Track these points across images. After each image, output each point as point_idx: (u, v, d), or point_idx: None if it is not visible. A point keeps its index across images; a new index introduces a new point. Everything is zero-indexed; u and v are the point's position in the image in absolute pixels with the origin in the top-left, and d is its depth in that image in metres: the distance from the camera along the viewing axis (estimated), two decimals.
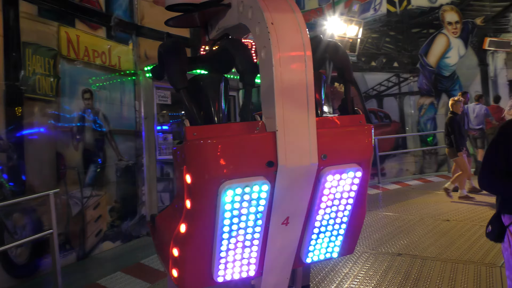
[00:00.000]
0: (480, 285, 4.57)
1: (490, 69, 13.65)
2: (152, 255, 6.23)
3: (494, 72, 13.65)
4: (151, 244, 7.64)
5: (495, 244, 5.74)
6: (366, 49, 12.94)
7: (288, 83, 2.04)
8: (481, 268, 5.01)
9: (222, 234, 2.12)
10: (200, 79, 2.33)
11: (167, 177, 9.02)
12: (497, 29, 13.53)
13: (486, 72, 13.62)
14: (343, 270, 5.21)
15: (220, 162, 2.05)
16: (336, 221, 2.32)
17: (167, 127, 9.81)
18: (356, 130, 2.27)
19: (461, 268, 5.05)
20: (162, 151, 8.86)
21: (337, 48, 2.39)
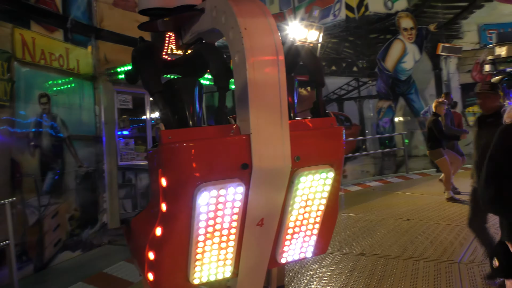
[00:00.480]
0: (441, 281, 4.77)
1: (443, 74, 14.29)
2: (116, 264, 6.09)
3: (447, 76, 14.30)
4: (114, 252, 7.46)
5: (452, 242, 6.03)
6: (327, 54, 13.25)
7: (262, 87, 2.08)
8: (441, 264, 5.22)
9: (198, 236, 2.13)
10: (174, 83, 2.34)
11: (129, 183, 8.84)
12: (449, 35, 14.20)
13: (440, 77, 14.26)
14: (309, 272, 5.29)
15: (196, 165, 2.06)
16: (310, 221, 2.38)
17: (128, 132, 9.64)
18: (328, 132, 2.35)
19: (422, 265, 5.25)
20: (124, 156, 8.69)
21: (311, 52, 2.46)
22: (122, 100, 8.60)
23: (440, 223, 7.05)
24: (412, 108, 14.00)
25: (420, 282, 4.77)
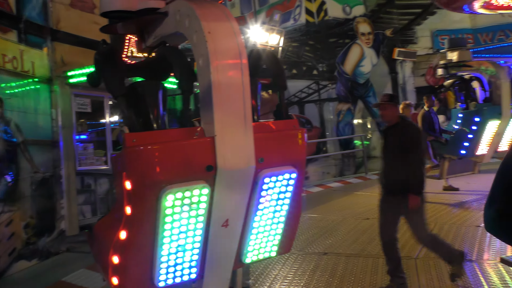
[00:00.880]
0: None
1: (399, 77, 14.83)
2: (75, 271, 5.93)
3: (403, 80, 14.85)
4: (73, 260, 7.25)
5: (409, 238, 6.23)
6: (288, 58, 13.45)
7: (226, 90, 2.12)
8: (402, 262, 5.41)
9: (163, 239, 2.13)
10: (138, 86, 2.33)
11: (88, 188, 8.63)
12: (404, 40, 14.77)
13: (396, 80, 14.79)
14: (273, 272, 5.35)
15: (160, 167, 2.07)
16: (274, 221, 2.43)
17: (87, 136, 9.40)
18: (291, 134, 2.41)
19: (382, 262, 5.41)
20: (82, 161, 8.47)
21: (273, 56, 2.52)
22: (80, 104, 8.39)
23: None
24: (370, 111, 14.43)
25: (380, 278, 4.93)
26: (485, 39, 14.82)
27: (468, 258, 5.30)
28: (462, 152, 8.18)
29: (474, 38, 14.83)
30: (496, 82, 7.96)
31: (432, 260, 5.33)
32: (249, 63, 2.19)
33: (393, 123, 4.46)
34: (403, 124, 4.47)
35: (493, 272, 4.79)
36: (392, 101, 4.45)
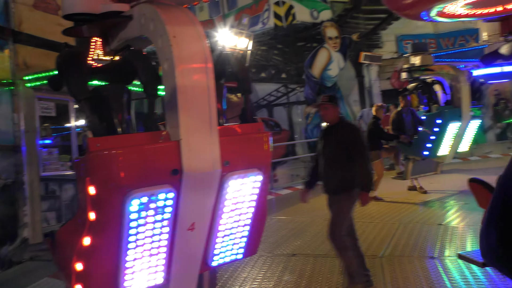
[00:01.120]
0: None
1: (365, 80, 15.17)
2: (39, 281, 5.75)
3: (369, 83, 15.20)
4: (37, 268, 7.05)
5: (375, 238, 6.42)
6: (256, 61, 13.53)
7: (191, 94, 2.13)
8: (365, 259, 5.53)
9: (128, 244, 2.12)
10: (102, 90, 2.31)
11: (52, 195, 8.40)
12: (370, 44, 15.13)
13: (362, 83, 15.12)
14: (242, 275, 5.37)
15: (125, 172, 2.06)
16: (240, 224, 2.45)
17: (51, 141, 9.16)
18: (256, 138, 2.44)
19: None
20: (47, 167, 8.25)
21: (239, 60, 2.55)
22: (44, 108, 8.18)
23: (363, 221, 7.45)
24: None
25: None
26: (446, 44, 15.37)
27: (430, 255, 5.49)
28: (425, 153, 8.44)
29: (436, 43, 15.36)
30: (456, 85, 8.27)
31: (396, 259, 5.48)
32: (214, 67, 2.21)
33: (333, 123, 4.53)
34: (343, 123, 4.58)
35: (454, 268, 4.97)
36: (332, 102, 4.50)
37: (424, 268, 5.09)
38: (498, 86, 15.07)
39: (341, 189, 4.40)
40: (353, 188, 4.39)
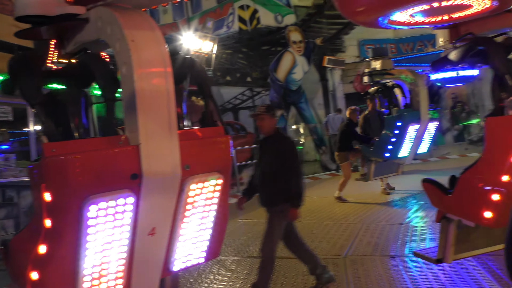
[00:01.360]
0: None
1: (329, 84, 15.43)
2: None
3: (333, 86, 15.47)
4: None
5: (339, 239, 6.54)
6: (221, 64, 13.52)
7: (150, 98, 2.12)
8: (328, 260, 5.63)
9: (86, 251, 2.08)
10: (58, 94, 2.26)
11: (10, 202, 8.09)
12: (333, 49, 15.41)
13: (326, 87, 15.36)
14: (208, 279, 5.36)
15: (82, 177, 2.03)
16: (201, 228, 2.45)
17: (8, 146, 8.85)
18: (216, 141, 2.45)
19: None
20: (4, 173, 7.96)
21: (197, 65, 2.55)
22: (1, 112, 7.90)
23: (328, 222, 7.59)
24: (303, 117, 14.87)
25: (311, 278, 5.10)
26: (406, 49, 15.87)
27: (391, 254, 5.65)
28: (387, 155, 8.67)
29: (396, 47, 15.84)
30: (415, 89, 8.53)
31: (359, 258, 5.60)
32: (174, 71, 2.21)
33: (269, 134, 4.40)
34: (279, 136, 4.44)
35: (413, 265, 5.13)
36: (269, 112, 4.36)
37: (385, 267, 5.22)
38: (455, 90, 15.68)
39: (272, 203, 4.32)
40: (283, 202, 4.29)
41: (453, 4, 2.64)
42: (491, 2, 2.69)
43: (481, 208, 2.77)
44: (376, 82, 9.30)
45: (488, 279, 4.56)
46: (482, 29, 3.24)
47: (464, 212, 3.01)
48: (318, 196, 10.35)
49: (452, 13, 2.91)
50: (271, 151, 4.30)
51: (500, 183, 2.71)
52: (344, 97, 15.40)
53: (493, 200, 2.73)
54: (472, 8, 2.80)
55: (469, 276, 4.68)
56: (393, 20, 2.89)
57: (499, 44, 2.89)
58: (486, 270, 4.76)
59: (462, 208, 3.03)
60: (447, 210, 3.15)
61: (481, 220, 2.81)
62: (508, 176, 2.67)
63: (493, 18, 3.13)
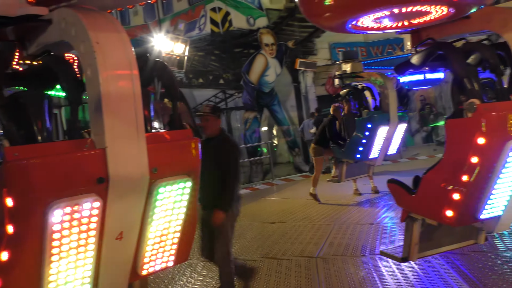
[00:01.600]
0: (301, 275, 5.21)
1: (302, 86, 15.58)
2: None
3: (305, 89, 15.62)
4: None
5: (311, 239, 6.62)
6: (194, 67, 13.45)
7: (116, 101, 2.10)
8: (301, 260, 5.70)
9: (51, 257, 2.03)
10: (20, 97, 2.21)
11: None
12: (305, 51, 15.57)
13: (299, 89, 15.50)
14: (180, 282, 5.33)
15: (46, 182, 1.98)
16: (170, 231, 2.43)
17: None
18: (184, 144, 2.44)
19: (285, 263, 5.66)
20: None
21: (163, 67, 2.53)
22: None
23: (301, 223, 7.67)
24: (276, 119, 14.96)
25: (283, 279, 5.15)
26: (376, 52, 16.19)
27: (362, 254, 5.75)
28: (358, 156, 8.81)
29: (366, 50, 16.14)
30: (384, 91, 8.71)
31: (330, 258, 5.68)
32: (140, 74, 2.19)
33: (212, 136, 4.30)
34: (222, 138, 4.35)
35: (382, 264, 5.24)
36: (215, 113, 4.28)
37: (356, 266, 5.32)
38: (423, 92, 16.09)
39: (209, 205, 4.20)
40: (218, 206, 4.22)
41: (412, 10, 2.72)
42: (448, 9, 2.79)
43: (443, 207, 2.87)
44: (346, 85, 9.44)
45: (454, 276, 4.71)
46: (442, 34, 3.35)
47: (427, 211, 3.10)
48: (291, 197, 10.45)
49: (412, 19, 3.01)
50: (212, 153, 4.15)
51: (460, 183, 2.80)
52: (316, 99, 15.57)
53: (454, 199, 2.82)
54: (430, 15, 2.90)
55: (436, 274, 4.82)
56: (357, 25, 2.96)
57: (458, 49, 3.01)
58: (452, 268, 4.92)
59: (425, 207, 3.12)
60: (411, 210, 3.24)
61: (443, 219, 2.90)
62: (468, 176, 2.77)
63: (452, 24, 3.25)
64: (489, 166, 2.74)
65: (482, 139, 2.70)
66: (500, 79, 2.91)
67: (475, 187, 2.78)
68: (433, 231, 3.36)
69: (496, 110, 2.76)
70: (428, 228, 3.31)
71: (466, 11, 2.89)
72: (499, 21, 2.94)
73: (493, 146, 2.71)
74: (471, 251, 5.33)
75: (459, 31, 3.26)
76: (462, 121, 2.88)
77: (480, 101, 2.75)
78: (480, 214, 2.87)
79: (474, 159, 2.73)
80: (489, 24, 3.02)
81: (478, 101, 2.74)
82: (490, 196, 2.81)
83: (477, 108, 2.73)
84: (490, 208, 2.89)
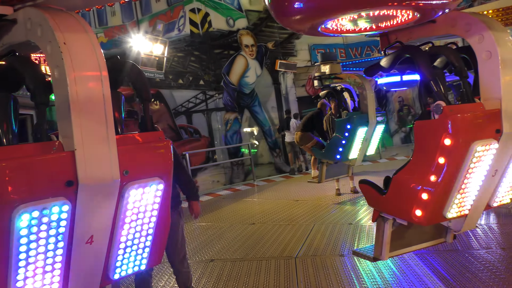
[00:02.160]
0: (279, 275, 5.22)
1: (282, 87, 15.63)
2: None
3: (286, 90, 15.68)
4: None
5: (291, 240, 6.64)
6: (173, 67, 13.36)
7: (85, 102, 2.06)
8: (280, 261, 5.71)
9: (18, 262, 1.99)
10: None
11: None
12: (285, 53, 15.62)
13: (279, 90, 15.55)
14: (159, 284, 5.29)
15: (12, 185, 1.93)
16: (142, 234, 2.41)
17: None
18: (156, 146, 2.42)
19: (264, 264, 5.67)
20: None
21: (134, 68, 2.50)
22: None
23: (281, 224, 7.69)
24: (256, 120, 14.97)
25: (262, 279, 5.15)
26: (355, 54, 16.35)
27: (340, 253, 5.79)
28: (338, 157, 8.88)
29: (346, 52, 16.28)
30: (363, 93, 8.80)
31: (309, 258, 5.71)
32: (110, 75, 2.16)
33: None
34: None
35: (359, 264, 5.29)
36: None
37: (335, 266, 5.36)
38: (402, 94, 16.31)
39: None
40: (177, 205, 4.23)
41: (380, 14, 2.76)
42: (413, 13, 2.84)
43: (412, 207, 2.91)
44: (325, 86, 9.50)
45: (429, 275, 4.79)
46: (410, 38, 3.41)
47: (397, 211, 3.14)
48: (271, 198, 10.47)
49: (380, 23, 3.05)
50: None
51: (428, 183, 2.85)
52: (296, 100, 15.65)
53: (423, 199, 2.87)
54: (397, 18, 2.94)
55: (412, 273, 4.89)
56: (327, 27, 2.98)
57: (424, 52, 3.06)
58: (428, 267, 5.00)
59: (395, 207, 3.16)
60: (382, 209, 3.28)
61: (413, 218, 2.94)
62: (435, 176, 2.82)
63: (419, 28, 3.31)
64: (456, 166, 2.79)
65: (448, 140, 2.75)
66: (465, 82, 2.97)
67: (443, 187, 2.83)
68: (403, 230, 3.40)
69: (462, 112, 2.81)
70: (399, 228, 3.36)
71: (431, 15, 2.95)
72: (463, 25, 3.00)
73: (459, 147, 2.76)
74: (446, 249, 5.43)
75: (425, 34, 3.32)
76: (429, 122, 2.93)
77: (446, 103, 2.80)
78: (447, 213, 2.92)
79: (441, 159, 2.77)
80: (454, 28, 3.08)
81: (444, 103, 2.79)
82: (456, 195, 2.87)
83: (443, 110, 2.78)
84: (457, 207, 2.94)
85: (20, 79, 2.17)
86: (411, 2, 2.65)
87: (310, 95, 15.16)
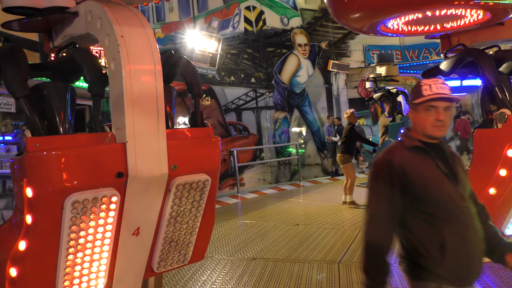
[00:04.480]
0: (322, 280, 5.10)
1: (333, 88, 15.37)
2: None
3: (337, 91, 15.41)
4: None
5: (335, 244, 6.49)
6: (226, 64, 13.49)
7: (138, 95, 2.08)
8: (323, 265, 5.58)
9: (68, 249, 2.05)
10: (43, 88, 2.23)
11: (10, 193, 8.10)
12: (338, 53, 15.35)
13: (330, 91, 15.30)
14: (201, 278, 5.32)
15: (66, 174, 1.99)
16: (187, 229, 2.41)
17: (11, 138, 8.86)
18: (205, 142, 2.41)
19: (307, 266, 5.56)
20: (5, 164, 7.96)
21: (187, 64, 2.51)
22: (4, 103, 7.90)
23: (326, 227, 7.53)
24: (306, 120, 14.82)
25: (304, 282, 5.05)
26: (411, 56, 15.77)
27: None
28: None
29: (402, 54, 15.74)
30: None
31: (353, 265, 5.54)
32: (164, 70, 2.17)
33: None
34: None
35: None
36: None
37: None
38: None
39: None
40: None
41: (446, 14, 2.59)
42: (484, 13, 2.64)
43: None
44: (380, 88, 9.24)
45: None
46: (473, 41, 3.20)
47: None
48: (317, 200, 10.30)
49: (445, 23, 2.87)
50: None
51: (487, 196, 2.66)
52: (347, 102, 15.33)
53: None
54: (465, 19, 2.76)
55: None
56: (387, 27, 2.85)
57: (489, 56, 2.85)
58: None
59: None
60: None
61: None
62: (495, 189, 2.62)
63: (484, 30, 3.10)
64: None
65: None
66: None
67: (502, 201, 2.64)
68: None
69: None
70: None
71: (502, 16, 2.74)
72: None
73: None
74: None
75: (491, 38, 3.11)
76: (491, 131, 2.74)
77: (511, 111, 2.59)
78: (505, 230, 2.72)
79: (502, 171, 2.58)
80: None
81: (509, 112, 2.59)
82: None
83: (508, 119, 2.58)
84: None
85: (79, 70, 2.22)
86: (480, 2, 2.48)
87: (362, 97, 14.79)
